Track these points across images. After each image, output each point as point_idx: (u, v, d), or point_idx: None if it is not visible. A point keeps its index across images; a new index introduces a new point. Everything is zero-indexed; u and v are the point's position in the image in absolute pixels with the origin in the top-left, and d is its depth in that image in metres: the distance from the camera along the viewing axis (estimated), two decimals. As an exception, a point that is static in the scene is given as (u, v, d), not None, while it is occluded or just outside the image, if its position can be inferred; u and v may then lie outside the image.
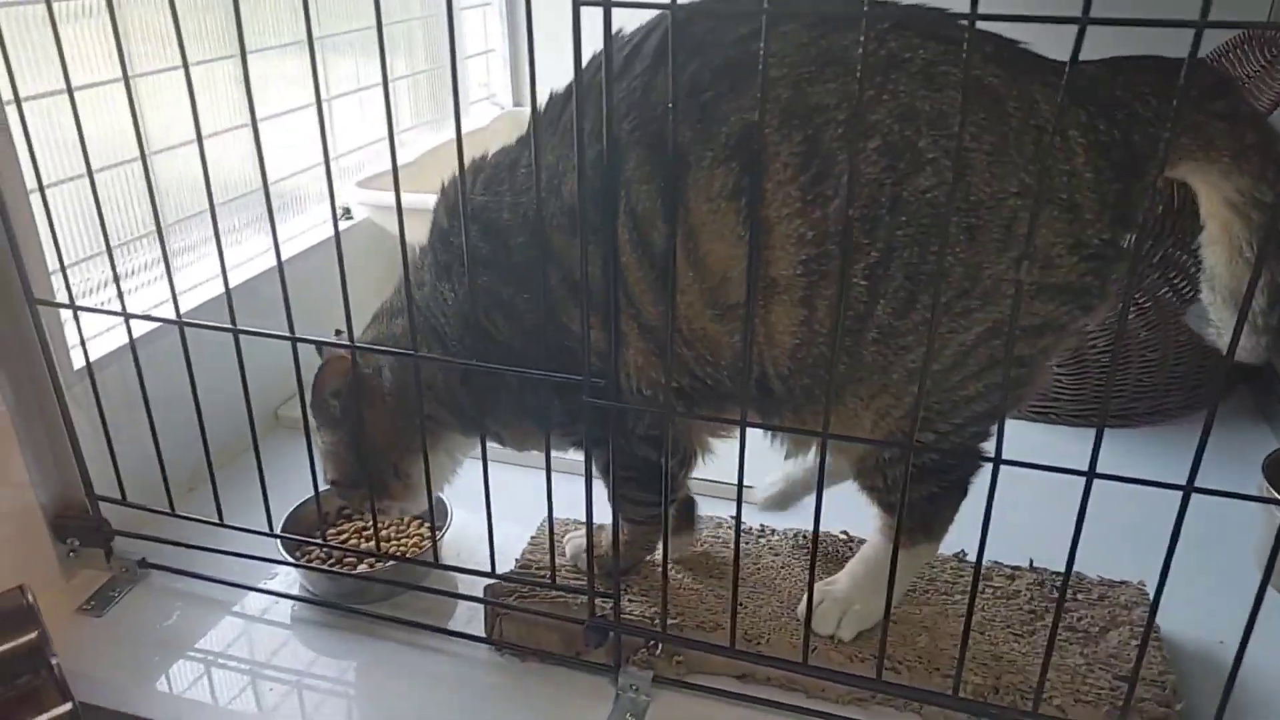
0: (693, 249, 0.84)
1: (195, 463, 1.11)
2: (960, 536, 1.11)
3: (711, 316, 0.86)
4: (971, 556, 1.12)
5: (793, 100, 0.80)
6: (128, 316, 1.01)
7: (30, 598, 0.81)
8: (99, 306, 1.13)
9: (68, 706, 0.77)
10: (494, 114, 2.02)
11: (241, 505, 1.10)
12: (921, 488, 0.92)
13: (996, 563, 1.11)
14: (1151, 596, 1.04)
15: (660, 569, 0.95)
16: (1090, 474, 0.77)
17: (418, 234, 1.57)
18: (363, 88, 1.72)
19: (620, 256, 0.84)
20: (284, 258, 0.94)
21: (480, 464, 0.97)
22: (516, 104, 2.06)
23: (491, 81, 2.08)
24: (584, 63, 0.76)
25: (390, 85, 0.84)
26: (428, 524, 1.19)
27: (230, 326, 0.97)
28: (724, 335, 0.87)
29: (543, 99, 0.86)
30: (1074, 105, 0.82)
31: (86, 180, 0.96)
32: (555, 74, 0.83)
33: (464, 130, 1.85)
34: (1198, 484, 0.76)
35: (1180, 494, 0.77)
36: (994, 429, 0.86)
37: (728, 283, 0.84)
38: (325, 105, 1.67)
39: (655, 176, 0.82)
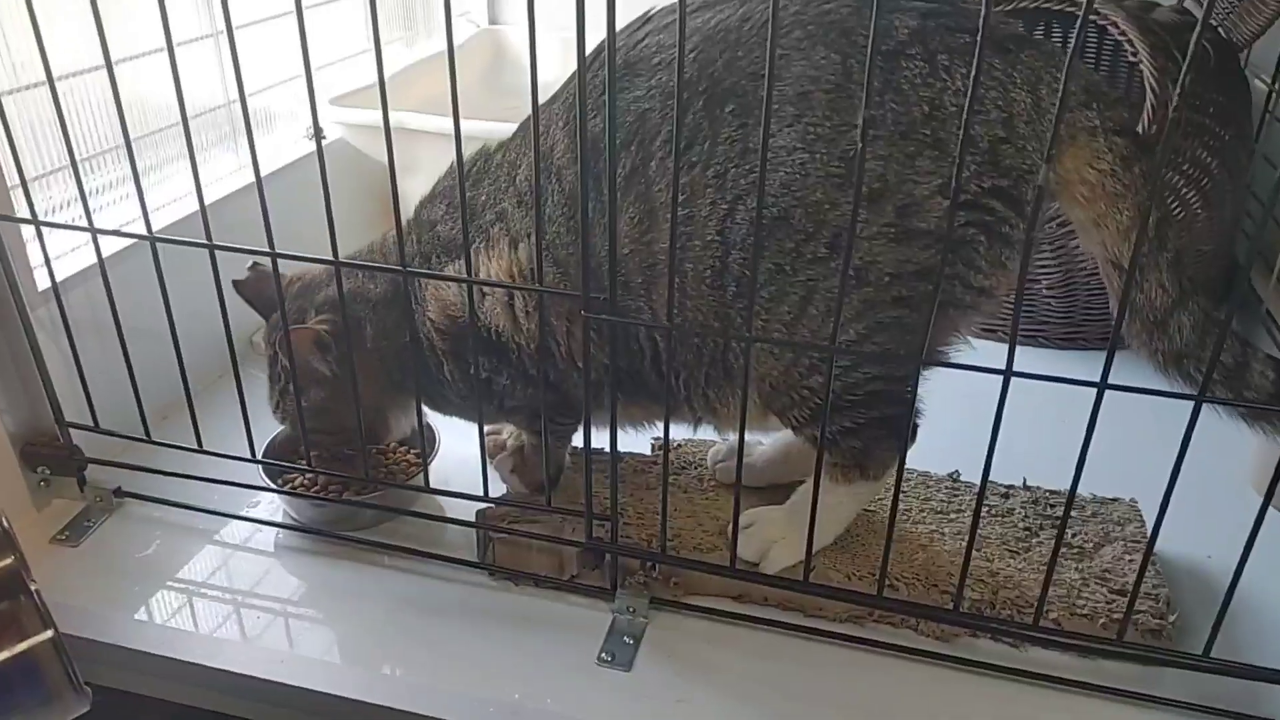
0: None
1: (166, 393, 1.07)
2: (952, 457, 1.12)
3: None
4: (965, 476, 1.12)
5: (666, 81, 0.84)
6: (95, 232, 0.96)
7: (5, 522, 0.77)
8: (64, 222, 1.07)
9: (49, 634, 0.73)
10: (469, 32, 1.94)
11: (217, 434, 1.07)
12: (836, 421, 0.90)
13: (991, 482, 1.10)
14: (1145, 514, 1.06)
15: (655, 493, 0.93)
16: (1102, 385, 0.76)
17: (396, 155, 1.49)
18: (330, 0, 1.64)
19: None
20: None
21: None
22: (492, 21, 1.99)
23: (465, -3, 2.01)
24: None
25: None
26: (413, 449, 1.16)
27: (205, 242, 0.92)
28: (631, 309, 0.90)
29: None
30: (956, 30, 0.81)
31: (41, 90, 0.90)
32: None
33: (436, 49, 1.79)
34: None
35: (1191, 405, 0.77)
36: (909, 371, 0.86)
37: (625, 259, 0.88)
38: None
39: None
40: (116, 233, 0.98)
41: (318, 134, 0.91)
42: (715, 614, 0.97)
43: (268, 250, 0.91)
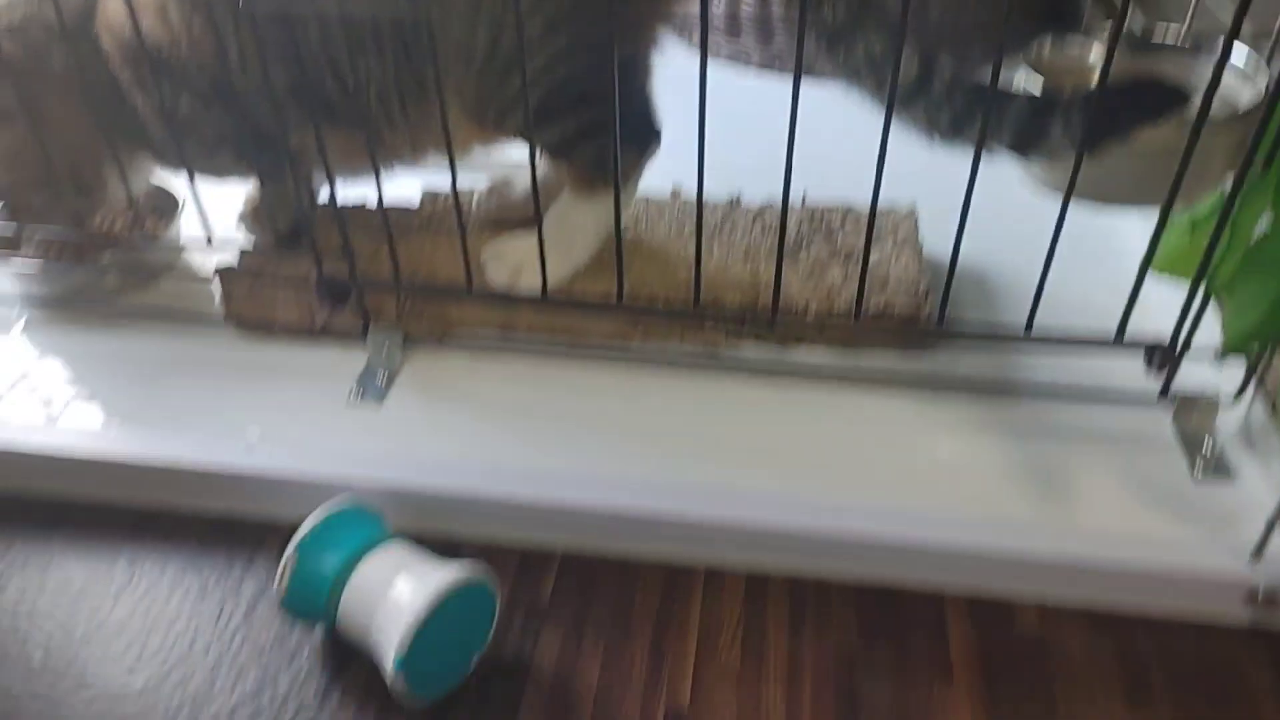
0: None
1: None
2: (729, 178, 1.07)
3: None
4: (749, 200, 1.08)
5: None
6: None
7: None
8: None
9: None
10: None
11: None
12: (557, 129, 0.86)
13: (770, 204, 1.07)
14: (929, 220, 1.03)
15: (413, 240, 0.88)
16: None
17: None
18: None
19: None
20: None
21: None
22: None
23: None
24: None
25: None
26: (158, 220, 1.08)
27: None
28: None
29: None
30: None
31: None
32: None
33: None
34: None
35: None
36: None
37: None
38: None
39: None
40: None
41: None
42: (475, 345, 0.93)
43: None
